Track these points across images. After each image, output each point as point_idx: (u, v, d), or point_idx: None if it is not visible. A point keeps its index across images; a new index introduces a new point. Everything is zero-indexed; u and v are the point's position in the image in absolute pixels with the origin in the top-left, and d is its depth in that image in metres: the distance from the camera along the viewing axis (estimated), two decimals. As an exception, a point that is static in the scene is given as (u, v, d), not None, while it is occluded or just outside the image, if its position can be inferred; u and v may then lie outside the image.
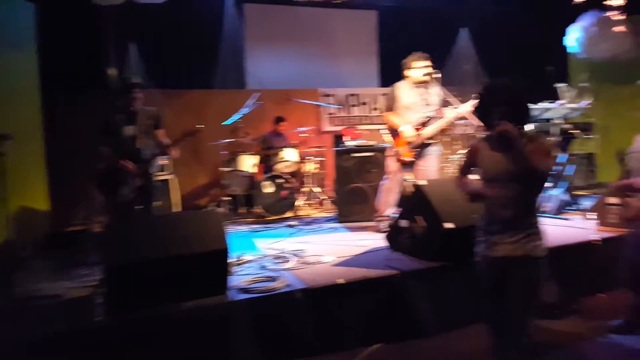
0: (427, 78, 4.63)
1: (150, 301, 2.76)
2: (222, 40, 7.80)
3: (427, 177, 4.50)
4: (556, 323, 3.37)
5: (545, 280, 3.43)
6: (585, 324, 3.37)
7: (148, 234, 2.89)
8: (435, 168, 4.67)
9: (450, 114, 4.54)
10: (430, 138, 4.58)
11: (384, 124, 4.87)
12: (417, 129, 4.56)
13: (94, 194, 5.15)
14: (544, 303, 3.37)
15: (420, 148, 4.59)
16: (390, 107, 4.72)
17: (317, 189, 7.12)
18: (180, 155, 4.87)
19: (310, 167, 7.05)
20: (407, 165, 4.63)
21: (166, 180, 6.32)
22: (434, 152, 4.66)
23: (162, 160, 6.05)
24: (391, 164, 4.74)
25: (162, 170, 6.30)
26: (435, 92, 4.71)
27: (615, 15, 6.24)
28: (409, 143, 4.55)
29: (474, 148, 2.52)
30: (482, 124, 2.48)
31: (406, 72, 4.71)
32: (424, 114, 4.61)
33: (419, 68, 4.63)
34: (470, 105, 4.38)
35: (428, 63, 4.65)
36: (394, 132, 4.67)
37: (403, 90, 4.69)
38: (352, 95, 8.59)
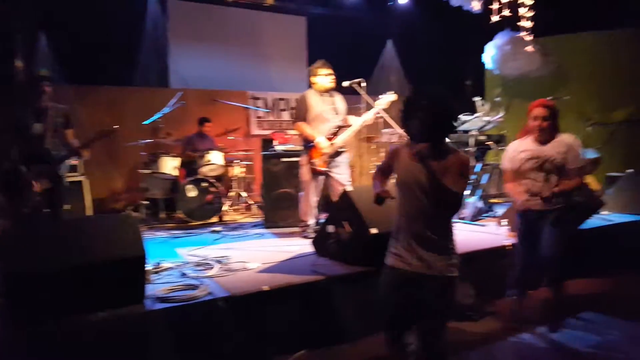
0: (332, 85, 4.71)
1: (57, 312, 2.52)
2: (144, 35, 7.46)
3: (343, 184, 4.61)
4: (471, 324, 3.51)
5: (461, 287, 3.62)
6: (498, 324, 3.54)
7: (55, 239, 2.65)
8: (348, 175, 4.76)
9: (356, 121, 4.68)
10: (341, 147, 4.67)
11: (297, 134, 4.82)
12: (330, 139, 4.62)
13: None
14: (461, 305, 3.55)
15: (333, 157, 4.66)
16: (302, 117, 4.67)
17: (244, 194, 6.99)
18: (94, 155, 4.57)
19: (237, 171, 6.91)
20: (320, 175, 4.67)
21: (78, 182, 5.91)
22: (344, 160, 4.75)
23: (72, 161, 5.66)
24: (305, 174, 4.73)
25: (74, 171, 5.88)
26: (340, 100, 4.81)
27: (526, 36, 6.72)
28: (324, 154, 4.58)
29: (394, 152, 2.45)
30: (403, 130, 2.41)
31: (313, 79, 4.73)
32: (334, 122, 4.69)
33: (324, 75, 4.68)
34: (374, 112, 4.59)
35: (331, 71, 4.72)
36: (308, 143, 4.66)
37: (314, 98, 4.70)
38: (282, 99, 8.57)
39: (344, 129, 4.70)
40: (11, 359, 2.37)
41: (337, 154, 4.69)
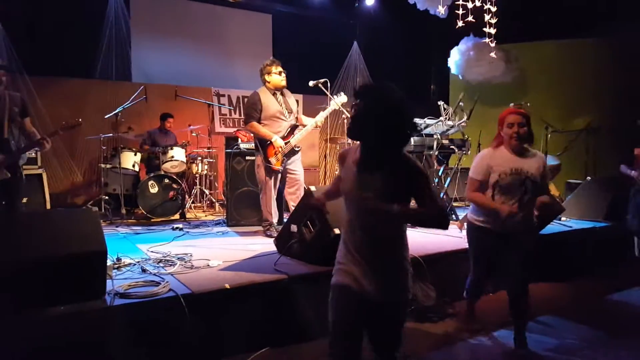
0: (284, 83, 4.75)
1: (15, 306, 2.44)
2: (106, 27, 7.27)
3: (299, 181, 4.73)
4: (432, 326, 3.55)
5: (424, 286, 3.67)
6: (458, 326, 3.58)
7: (11, 232, 2.58)
8: (302, 172, 4.84)
9: (310, 121, 4.77)
10: (296, 145, 4.74)
11: (252, 133, 4.81)
12: (285, 138, 4.67)
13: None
14: (423, 307, 3.61)
15: (288, 156, 4.72)
16: (257, 117, 4.66)
17: (206, 191, 6.91)
18: (53, 148, 4.43)
19: (200, 168, 6.83)
20: (276, 173, 4.72)
21: (37, 175, 5.73)
22: (298, 158, 4.83)
23: (32, 153, 5.48)
24: (262, 174, 4.75)
25: (33, 164, 5.70)
26: (293, 100, 4.89)
27: (489, 43, 6.90)
28: (279, 152, 4.63)
29: (341, 156, 2.14)
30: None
31: (267, 78, 4.74)
32: (288, 122, 4.74)
33: (277, 73, 4.71)
34: (326, 114, 4.72)
35: (282, 69, 4.77)
36: (263, 142, 4.67)
37: (267, 97, 4.71)
38: (246, 97, 8.49)
39: (298, 128, 4.76)
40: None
41: (293, 152, 4.74)
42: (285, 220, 4.54)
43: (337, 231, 3.34)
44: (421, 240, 4.55)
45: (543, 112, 7.33)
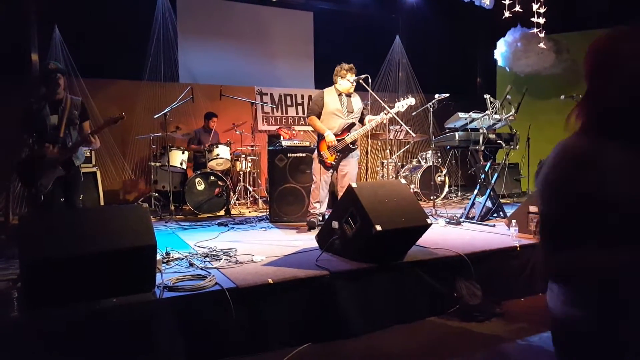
0: (352, 91, 4.98)
1: (70, 298, 2.58)
2: (154, 30, 7.50)
3: (349, 178, 4.84)
4: (478, 326, 3.44)
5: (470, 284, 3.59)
6: (506, 326, 3.47)
7: (69, 227, 2.69)
8: (355, 170, 4.99)
9: (370, 122, 4.94)
10: (353, 143, 4.90)
11: (311, 126, 5.05)
12: (341, 134, 4.86)
13: (14, 184, 4.78)
14: (468, 306, 3.53)
15: (343, 152, 4.88)
16: (317, 112, 4.94)
17: (250, 188, 7.04)
18: (105, 148, 4.64)
19: (244, 165, 6.95)
20: (329, 168, 4.91)
21: (91, 173, 6.02)
22: (355, 156, 4.99)
23: (86, 152, 5.75)
24: (314, 166, 4.99)
25: (88, 162, 6.00)
26: (357, 101, 5.05)
27: (538, 33, 6.65)
28: (331, 147, 4.83)
29: None
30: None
31: (339, 80, 4.94)
32: (347, 120, 4.92)
33: (349, 80, 4.90)
34: (383, 114, 4.93)
35: (356, 78, 4.95)
36: (320, 136, 4.92)
37: (331, 97, 4.95)
38: (288, 95, 8.59)
39: (354, 127, 4.92)
40: (23, 342, 2.43)
41: (348, 150, 4.86)
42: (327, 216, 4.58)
43: (378, 227, 3.32)
44: (467, 237, 4.47)
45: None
